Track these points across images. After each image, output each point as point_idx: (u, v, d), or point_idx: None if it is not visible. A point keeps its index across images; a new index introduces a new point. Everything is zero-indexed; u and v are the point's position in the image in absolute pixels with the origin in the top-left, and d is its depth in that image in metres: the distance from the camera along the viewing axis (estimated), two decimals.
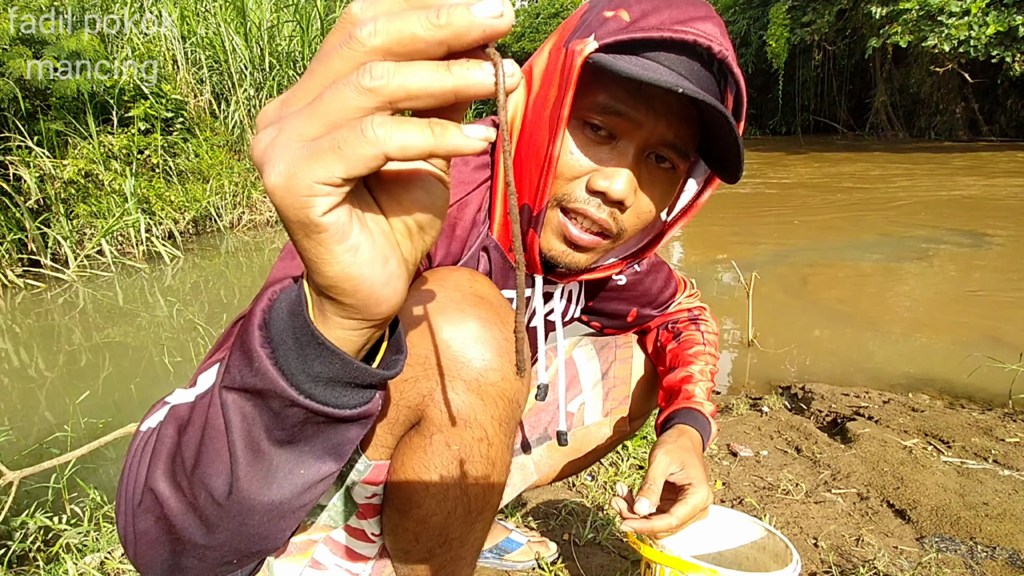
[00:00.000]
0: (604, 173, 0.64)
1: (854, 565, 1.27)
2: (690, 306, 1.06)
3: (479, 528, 0.65)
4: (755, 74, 18.03)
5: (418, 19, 0.27)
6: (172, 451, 0.40)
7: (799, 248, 4.71)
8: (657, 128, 0.63)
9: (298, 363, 0.35)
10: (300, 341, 0.35)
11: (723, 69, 0.63)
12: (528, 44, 23.25)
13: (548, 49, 0.66)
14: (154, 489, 0.40)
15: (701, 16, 0.61)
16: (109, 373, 2.68)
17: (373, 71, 0.27)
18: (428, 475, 0.58)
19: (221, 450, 0.37)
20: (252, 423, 0.37)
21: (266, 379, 0.35)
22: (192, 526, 0.40)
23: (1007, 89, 13.63)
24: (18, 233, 4.13)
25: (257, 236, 5.60)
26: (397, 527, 0.62)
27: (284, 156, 0.28)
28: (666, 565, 0.81)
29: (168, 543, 0.41)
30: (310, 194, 0.28)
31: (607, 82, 0.62)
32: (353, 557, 0.67)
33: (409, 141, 0.28)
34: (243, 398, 0.36)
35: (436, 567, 0.65)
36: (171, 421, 0.42)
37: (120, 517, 0.43)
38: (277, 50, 6.25)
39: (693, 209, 0.75)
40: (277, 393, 0.35)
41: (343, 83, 0.27)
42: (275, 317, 0.36)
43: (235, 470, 0.37)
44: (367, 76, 0.27)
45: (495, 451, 0.59)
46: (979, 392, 2.25)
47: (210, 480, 0.38)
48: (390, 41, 0.27)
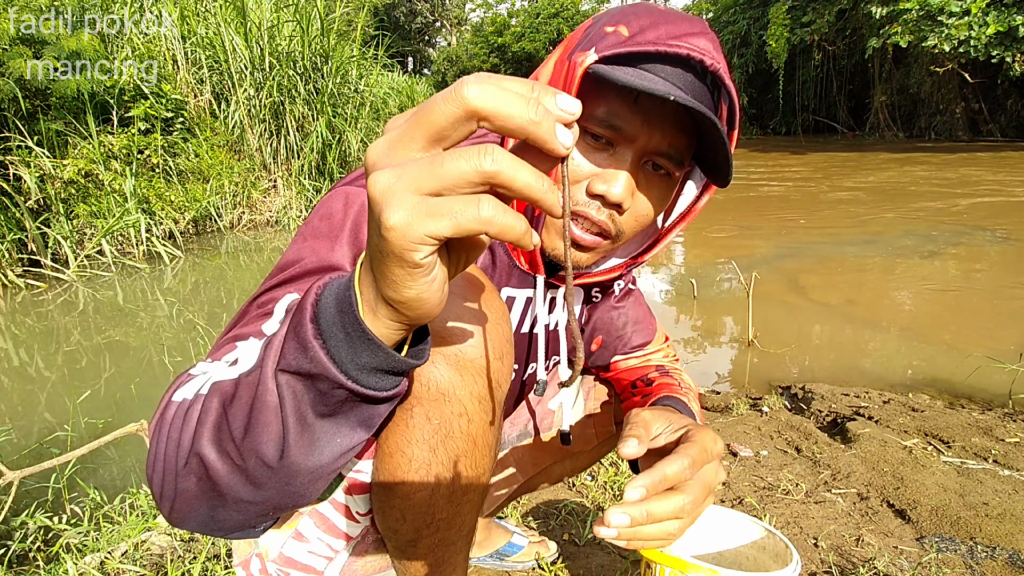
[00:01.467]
0: (603, 177, 0.68)
1: (854, 565, 1.27)
2: (660, 362, 1.02)
3: (466, 510, 0.65)
4: (755, 74, 18.04)
5: (523, 108, 0.34)
6: (217, 421, 0.46)
7: (799, 248, 4.71)
8: (652, 138, 0.67)
9: (348, 353, 0.42)
10: (350, 335, 0.41)
11: (716, 82, 0.67)
12: (528, 44, 23.25)
13: (553, 61, 0.70)
14: (200, 453, 0.46)
15: (696, 32, 0.65)
16: (109, 373, 2.68)
17: (494, 158, 0.34)
18: (410, 448, 0.59)
19: (272, 422, 0.44)
20: (301, 399, 0.44)
21: (319, 366, 0.42)
22: (239, 484, 0.47)
23: (1007, 89, 13.64)
24: (18, 233, 4.13)
25: (257, 236, 5.60)
26: (384, 505, 0.63)
27: (404, 205, 0.34)
28: (666, 565, 0.81)
29: (208, 499, 0.48)
30: (420, 242, 0.35)
31: (606, 94, 0.67)
32: (336, 533, 0.68)
33: (508, 227, 0.35)
34: (295, 379, 0.43)
35: (426, 550, 0.65)
36: (215, 395, 0.48)
37: (156, 476, 0.49)
38: (277, 50, 6.25)
39: (691, 213, 0.78)
40: (328, 377, 0.42)
41: (464, 158, 0.34)
42: (323, 311, 0.42)
43: (286, 439, 0.44)
44: (488, 160, 0.34)
45: (475, 428, 0.61)
46: (979, 392, 2.25)
47: (261, 447, 0.45)
48: (494, 118, 0.34)
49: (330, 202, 0.67)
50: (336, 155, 6.48)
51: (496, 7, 31.63)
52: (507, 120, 0.34)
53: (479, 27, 28.43)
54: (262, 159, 6.24)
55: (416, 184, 0.34)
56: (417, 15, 35.80)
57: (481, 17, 32.36)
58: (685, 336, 3.03)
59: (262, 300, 0.62)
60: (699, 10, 19.49)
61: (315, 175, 6.40)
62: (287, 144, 6.32)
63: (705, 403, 2.26)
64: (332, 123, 6.49)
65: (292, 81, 6.20)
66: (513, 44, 23.79)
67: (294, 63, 6.30)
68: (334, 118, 6.53)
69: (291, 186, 6.25)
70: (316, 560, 0.70)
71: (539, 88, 0.35)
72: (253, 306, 0.62)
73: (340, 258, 0.63)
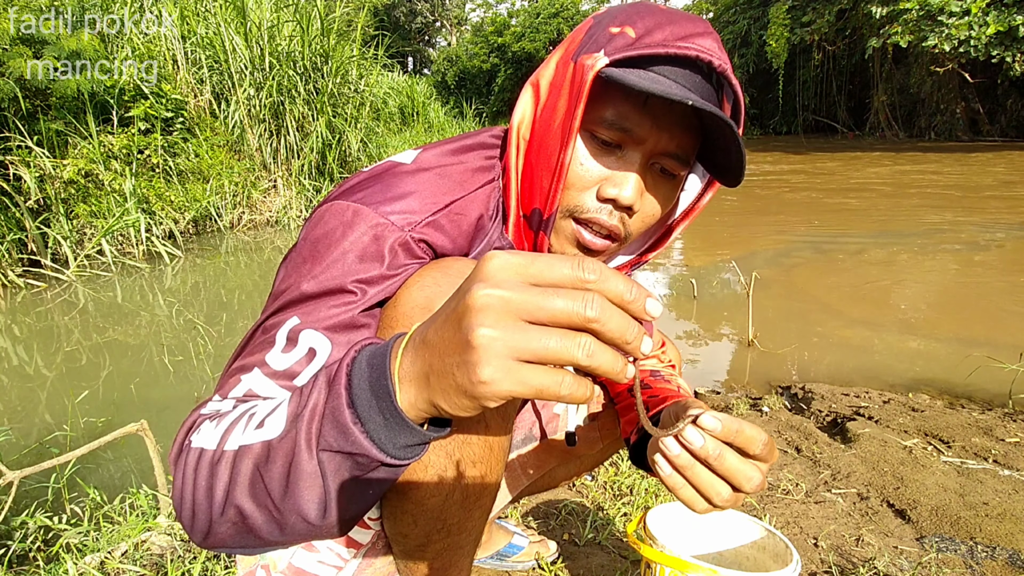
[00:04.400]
0: (613, 181, 0.68)
1: (854, 565, 1.27)
2: (655, 367, 1.00)
3: (477, 515, 0.65)
4: (755, 74, 18.05)
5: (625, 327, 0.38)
6: (253, 480, 0.49)
7: (799, 247, 4.71)
8: (661, 140, 0.67)
9: (387, 436, 0.45)
10: (388, 421, 0.45)
11: (721, 80, 0.67)
12: (528, 44, 23.25)
13: (555, 61, 0.69)
14: (238, 506, 0.50)
15: (701, 32, 0.64)
16: (109, 373, 2.68)
17: (584, 342, 0.37)
18: (426, 455, 0.59)
19: (314, 487, 0.47)
20: (341, 470, 0.47)
21: (361, 448, 0.45)
22: (277, 532, 0.50)
23: (1007, 89, 13.64)
24: (18, 233, 4.13)
25: (257, 236, 5.60)
26: (396, 509, 0.63)
27: (501, 366, 0.38)
28: (666, 565, 0.81)
29: (244, 539, 0.52)
30: (501, 398, 0.39)
31: (614, 97, 0.66)
32: (345, 541, 0.68)
33: (574, 399, 0.39)
34: (338, 456, 0.46)
35: (434, 554, 0.65)
36: (246, 457, 0.50)
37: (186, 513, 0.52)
38: (277, 50, 6.25)
39: (694, 211, 0.77)
40: (369, 457, 0.45)
41: (559, 336, 0.37)
42: (358, 395, 0.45)
43: (328, 503, 0.48)
44: (580, 349, 0.37)
45: (492, 433, 0.61)
46: (979, 392, 2.25)
47: (303, 508, 0.48)
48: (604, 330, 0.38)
49: (328, 219, 0.64)
50: (336, 155, 6.47)
51: (496, 7, 31.64)
52: (608, 341, 0.38)
53: (479, 27, 28.43)
54: (262, 159, 6.24)
55: (516, 351, 0.37)
56: (417, 15, 35.79)
57: (481, 17, 32.37)
58: (685, 336, 3.03)
59: (267, 326, 0.62)
60: (699, 10, 19.48)
61: (315, 175, 6.40)
62: (287, 144, 6.32)
63: (705, 403, 2.26)
64: (332, 123, 6.49)
65: (292, 81, 6.20)
66: (513, 44, 23.77)
67: (294, 63, 6.30)
68: (334, 118, 6.53)
69: (291, 186, 6.25)
70: (326, 570, 0.69)
71: (636, 294, 0.39)
72: (258, 332, 0.62)
73: (340, 282, 0.61)
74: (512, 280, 0.38)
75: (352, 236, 0.62)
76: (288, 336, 0.59)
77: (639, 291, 0.39)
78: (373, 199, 0.63)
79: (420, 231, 0.63)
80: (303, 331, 0.59)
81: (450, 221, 0.66)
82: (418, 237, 0.63)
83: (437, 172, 0.68)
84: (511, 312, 0.37)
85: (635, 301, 0.39)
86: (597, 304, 0.37)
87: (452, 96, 22.07)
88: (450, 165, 0.70)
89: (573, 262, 0.38)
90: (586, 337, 0.38)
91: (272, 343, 0.59)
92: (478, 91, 24.86)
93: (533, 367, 0.38)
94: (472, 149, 0.73)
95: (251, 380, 0.59)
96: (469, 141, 0.74)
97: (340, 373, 0.46)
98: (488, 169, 0.73)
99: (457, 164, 0.71)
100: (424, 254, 0.64)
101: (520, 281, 0.38)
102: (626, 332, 0.38)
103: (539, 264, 0.38)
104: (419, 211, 0.64)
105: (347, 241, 0.61)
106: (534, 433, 1.02)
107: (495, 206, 0.73)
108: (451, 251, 0.68)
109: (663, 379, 0.96)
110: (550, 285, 0.38)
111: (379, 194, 0.64)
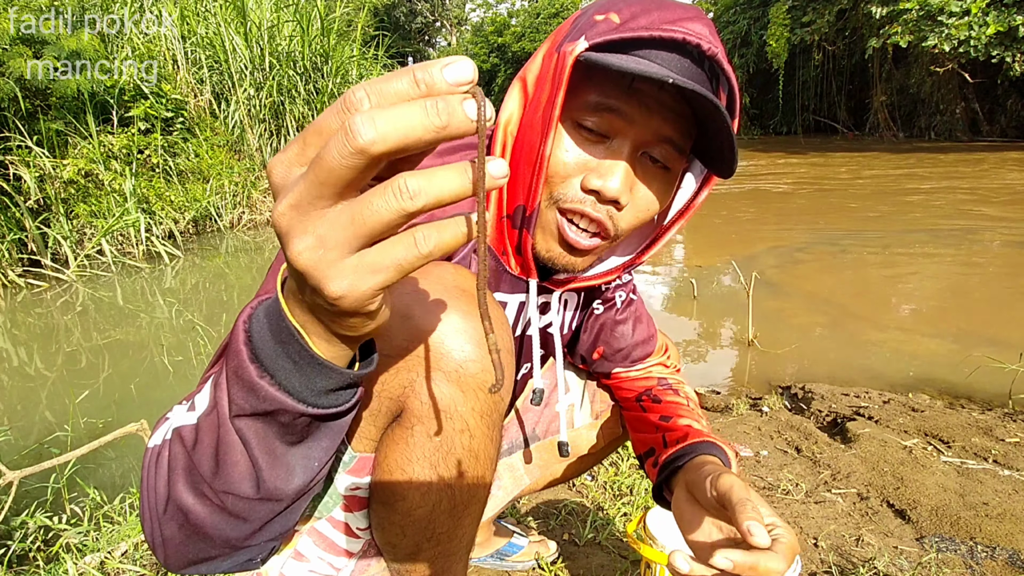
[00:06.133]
0: (599, 171, 0.64)
1: (854, 565, 1.27)
2: (661, 375, 1.00)
3: (467, 523, 0.64)
4: (755, 74, 18.05)
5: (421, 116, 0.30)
6: (187, 466, 0.46)
7: (799, 247, 4.71)
8: (651, 124, 0.64)
9: (301, 382, 0.41)
10: (299, 364, 0.40)
11: (714, 68, 0.64)
12: (528, 44, 23.25)
13: (542, 55, 0.67)
14: (177, 499, 0.46)
15: (691, 17, 0.61)
16: (109, 373, 2.68)
17: (411, 191, 0.31)
18: (411, 466, 0.58)
19: (240, 460, 0.44)
20: (265, 436, 0.43)
21: (275, 402, 0.41)
22: (223, 523, 0.46)
23: (1007, 89, 13.64)
24: (18, 233, 4.13)
25: (257, 236, 5.60)
26: (384, 520, 0.62)
27: (344, 271, 0.33)
28: (666, 565, 0.81)
29: (195, 542, 0.48)
30: (372, 297, 0.35)
31: (599, 81, 0.63)
32: (336, 551, 0.67)
33: (451, 244, 0.34)
34: (254, 420, 0.42)
35: (426, 562, 0.64)
36: (177, 440, 0.47)
37: (146, 525, 0.49)
38: (277, 50, 6.25)
39: (690, 210, 0.75)
40: (287, 410, 0.41)
41: (384, 206, 0.32)
42: (260, 347, 0.41)
43: (259, 474, 0.44)
44: (407, 198, 0.31)
45: (477, 443, 0.59)
46: (979, 392, 2.25)
47: (234, 485, 0.44)
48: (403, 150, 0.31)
49: None
50: None
51: (496, 7, 31.63)
52: (417, 144, 0.31)
53: (479, 27, 28.44)
54: (262, 159, 6.24)
55: (347, 246, 0.33)
56: (417, 15, 35.79)
57: (481, 17, 32.36)
58: (685, 336, 3.03)
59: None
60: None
61: None
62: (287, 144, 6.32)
63: (705, 403, 2.26)
64: None
65: (292, 81, 6.20)
66: (513, 44, 23.80)
67: (294, 63, 6.30)
68: None
69: None
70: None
71: (421, 73, 0.30)
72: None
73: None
74: (296, 178, 0.33)
75: None
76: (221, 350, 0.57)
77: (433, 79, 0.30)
78: None
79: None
80: None
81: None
82: None
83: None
84: (342, 252, 0.33)
85: (449, 121, 0.31)
86: (410, 184, 0.32)
87: None
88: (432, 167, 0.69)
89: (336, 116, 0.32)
90: (418, 232, 0.33)
91: None
92: None
93: (377, 248, 0.34)
94: (458, 150, 0.71)
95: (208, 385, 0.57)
96: (456, 142, 0.72)
97: (237, 331, 0.42)
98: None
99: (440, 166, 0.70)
100: None
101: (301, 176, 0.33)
102: (456, 190, 0.33)
103: (318, 174, 0.31)
104: None
105: None
106: (537, 434, 1.02)
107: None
108: None
109: (671, 389, 0.94)
110: (345, 186, 0.32)
111: None
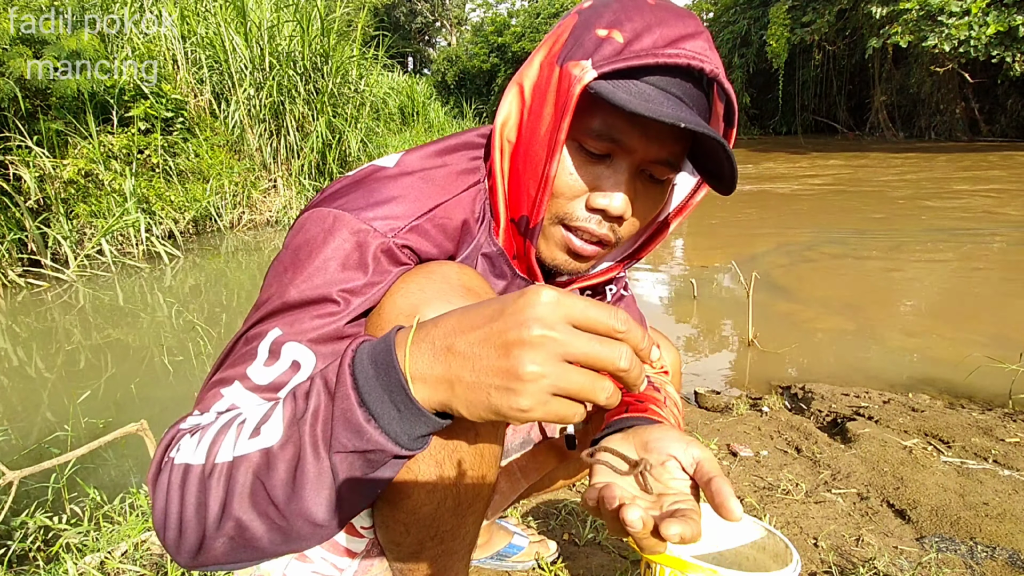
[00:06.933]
0: (603, 192, 0.66)
1: (854, 565, 1.27)
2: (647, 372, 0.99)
3: (470, 521, 0.65)
4: (755, 74, 18.04)
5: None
6: (254, 489, 0.50)
7: (799, 248, 4.71)
8: (651, 150, 0.65)
9: (403, 428, 0.48)
10: (403, 413, 0.47)
11: (711, 80, 0.66)
12: (528, 44, 23.24)
13: (538, 62, 0.67)
14: (237, 518, 0.50)
15: (691, 33, 0.62)
16: (109, 373, 2.68)
17: (608, 394, 0.45)
18: (416, 464, 0.58)
19: (322, 488, 0.49)
20: (352, 469, 0.49)
21: (376, 444, 0.47)
22: (280, 539, 0.51)
23: (1007, 89, 13.63)
24: (18, 233, 4.13)
25: (257, 236, 5.60)
26: (388, 518, 0.62)
27: (541, 399, 0.44)
28: (666, 565, 0.81)
29: (239, 553, 0.52)
30: (526, 421, 0.45)
31: (602, 108, 0.64)
32: (339, 551, 0.67)
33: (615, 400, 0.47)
34: (351, 456, 0.48)
35: (429, 560, 0.65)
36: (243, 466, 0.50)
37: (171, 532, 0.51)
38: (277, 50, 6.25)
39: (687, 208, 0.76)
40: (384, 451, 0.48)
41: (591, 388, 0.45)
42: (367, 391, 0.47)
43: (340, 502, 0.50)
44: (604, 396, 0.45)
45: (482, 441, 0.60)
46: (979, 392, 2.25)
47: (310, 512, 0.49)
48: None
49: (309, 226, 0.62)
50: (336, 155, 6.48)
51: (496, 7, 31.61)
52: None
53: (479, 27, 28.41)
54: (262, 159, 6.24)
55: (553, 388, 0.44)
56: (417, 15, 35.78)
57: (481, 17, 32.34)
58: (685, 336, 3.03)
59: (248, 336, 0.60)
60: (699, 10, 19.47)
61: (315, 175, 6.40)
62: (287, 144, 6.32)
63: (705, 403, 2.26)
64: (332, 123, 6.49)
65: (292, 81, 6.20)
66: (513, 44, 23.77)
67: (294, 63, 6.30)
68: (334, 118, 6.53)
69: (291, 186, 6.25)
70: None
71: (648, 343, 0.46)
72: (239, 343, 0.61)
73: (323, 291, 0.59)
74: (561, 322, 0.44)
75: (334, 243, 0.60)
76: (270, 349, 0.58)
77: (650, 341, 0.47)
78: (354, 205, 0.61)
79: (403, 237, 0.62)
80: (286, 344, 0.58)
81: (434, 226, 0.65)
82: (401, 243, 0.61)
83: (420, 176, 0.66)
84: (559, 354, 0.43)
85: (646, 349, 0.46)
86: (628, 356, 0.44)
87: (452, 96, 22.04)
88: (433, 168, 0.68)
89: (608, 312, 0.44)
90: (608, 381, 0.45)
91: (254, 356, 0.58)
92: (478, 91, 24.85)
93: (561, 400, 0.44)
94: (457, 150, 0.72)
95: (233, 394, 0.58)
96: (454, 141, 0.72)
97: (343, 375, 0.48)
98: (473, 171, 0.71)
99: (440, 167, 0.69)
100: (408, 260, 0.63)
101: (566, 323, 0.44)
102: (639, 378, 0.45)
103: (580, 308, 0.44)
104: (402, 216, 0.62)
105: (329, 248, 0.59)
106: (532, 437, 1.02)
107: (481, 209, 0.71)
108: (436, 256, 0.67)
109: (651, 384, 0.95)
110: (588, 329, 0.44)
111: (361, 200, 0.62)
